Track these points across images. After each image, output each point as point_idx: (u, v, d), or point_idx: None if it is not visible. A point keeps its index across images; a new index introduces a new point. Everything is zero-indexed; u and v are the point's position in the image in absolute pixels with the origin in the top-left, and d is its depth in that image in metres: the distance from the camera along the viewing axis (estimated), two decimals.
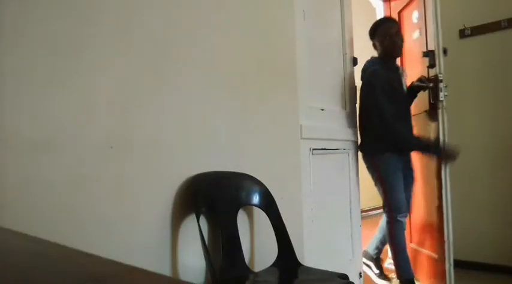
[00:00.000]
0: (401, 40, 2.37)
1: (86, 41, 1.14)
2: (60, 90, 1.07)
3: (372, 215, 5.06)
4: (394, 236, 2.28)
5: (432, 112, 2.40)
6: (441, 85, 2.29)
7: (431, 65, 2.38)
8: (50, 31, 1.06)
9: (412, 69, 2.59)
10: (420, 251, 2.57)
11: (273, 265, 1.55)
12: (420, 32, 2.54)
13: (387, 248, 2.48)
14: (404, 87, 2.40)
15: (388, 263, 2.67)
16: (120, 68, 1.22)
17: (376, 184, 2.40)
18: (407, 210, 2.36)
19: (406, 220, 2.38)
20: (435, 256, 2.36)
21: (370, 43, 2.47)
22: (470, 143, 2.85)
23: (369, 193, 3.40)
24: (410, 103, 2.45)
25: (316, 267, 1.58)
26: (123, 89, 1.22)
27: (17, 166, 0.98)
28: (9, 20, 0.99)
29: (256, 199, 1.58)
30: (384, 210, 2.38)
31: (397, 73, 2.39)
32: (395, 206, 2.28)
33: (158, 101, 1.32)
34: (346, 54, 2.41)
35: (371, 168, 2.38)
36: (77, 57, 1.11)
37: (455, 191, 2.89)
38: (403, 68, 2.52)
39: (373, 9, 3.23)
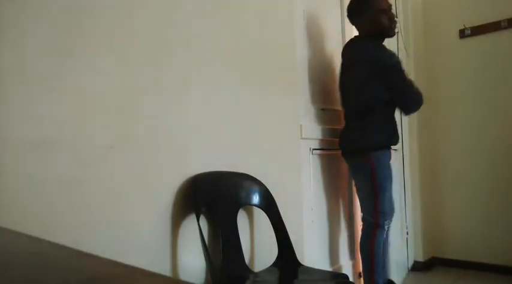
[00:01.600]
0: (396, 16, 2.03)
1: (86, 41, 1.14)
2: (60, 90, 1.07)
3: None
4: (375, 246, 1.97)
5: None
6: None
7: None
8: (50, 31, 1.06)
9: None
10: None
11: (273, 265, 1.55)
12: None
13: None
14: None
15: None
16: (120, 68, 1.22)
17: (362, 188, 2.05)
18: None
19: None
20: None
21: None
22: (469, 143, 2.85)
23: None
24: None
25: (316, 267, 1.58)
26: (123, 89, 1.22)
27: (17, 166, 0.98)
28: (9, 20, 0.99)
29: (256, 199, 1.58)
30: (364, 216, 2.06)
31: None
32: (385, 212, 1.98)
33: (158, 101, 1.32)
34: None
35: (363, 168, 2.00)
36: (77, 57, 1.11)
37: (455, 192, 2.90)
38: None
39: None
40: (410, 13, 2.97)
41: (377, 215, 1.98)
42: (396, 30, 2.04)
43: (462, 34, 2.89)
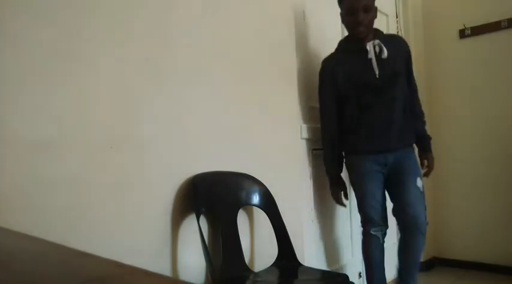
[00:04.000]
0: (370, 18, 1.85)
1: (86, 41, 1.14)
2: (60, 90, 1.07)
3: None
4: (366, 253, 1.95)
5: None
6: None
7: None
8: (50, 31, 1.06)
9: None
10: None
11: (273, 265, 1.55)
12: None
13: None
14: (376, 71, 1.85)
15: None
16: (120, 68, 1.22)
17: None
18: (384, 221, 1.93)
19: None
20: None
21: None
22: (470, 143, 2.85)
23: None
24: (391, 89, 1.88)
25: (316, 267, 1.58)
26: (123, 89, 1.22)
27: (17, 166, 0.98)
28: (10, 21, 0.99)
29: (256, 199, 1.58)
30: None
31: (360, 56, 1.87)
32: (366, 217, 1.91)
33: (158, 101, 1.32)
34: None
35: (346, 169, 2.03)
36: (77, 57, 1.11)
37: (456, 192, 2.90)
38: (381, 45, 1.88)
39: None
40: (410, 13, 2.97)
41: (362, 220, 1.95)
42: (361, 29, 1.86)
43: (462, 34, 2.89)
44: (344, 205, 2.02)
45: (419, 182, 1.89)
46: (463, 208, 2.87)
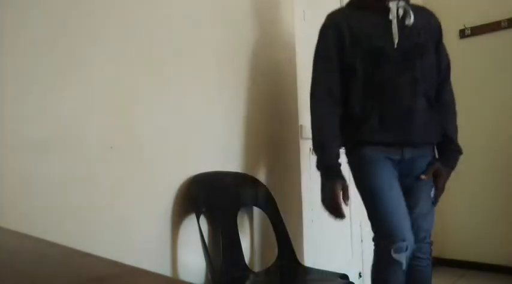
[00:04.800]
0: None
1: (86, 41, 1.14)
2: (60, 90, 1.07)
3: None
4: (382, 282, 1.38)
5: None
6: None
7: None
8: (50, 31, 1.06)
9: None
10: None
11: (273, 265, 1.55)
12: None
13: None
14: (396, 38, 1.36)
15: None
16: (120, 68, 1.22)
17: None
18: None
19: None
20: None
21: None
22: (469, 144, 2.84)
23: None
24: (412, 66, 1.38)
25: (316, 267, 1.58)
26: (123, 89, 1.22)
27: (17, 166, 0.98)
28: (9, 20, 0.99)
29: (256, 199, 1.58)
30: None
31: (378, 16, 1.39)
32: (385, 231, 1.34)
33: (158, 101, 1.32)
34: None
35: (350, 170, 1.51)
36: (77, 57, 1.11)
37: (457, 192, 2.89)
38: (407, 8, 1.39)
39: None
40: None
41: (378, 234, 1.39)
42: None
43: (462, 34, 2.89)
44: (343, 216, 1.43)
45: (433, 192, 1.47)
46: (463, 208, 2.87)
